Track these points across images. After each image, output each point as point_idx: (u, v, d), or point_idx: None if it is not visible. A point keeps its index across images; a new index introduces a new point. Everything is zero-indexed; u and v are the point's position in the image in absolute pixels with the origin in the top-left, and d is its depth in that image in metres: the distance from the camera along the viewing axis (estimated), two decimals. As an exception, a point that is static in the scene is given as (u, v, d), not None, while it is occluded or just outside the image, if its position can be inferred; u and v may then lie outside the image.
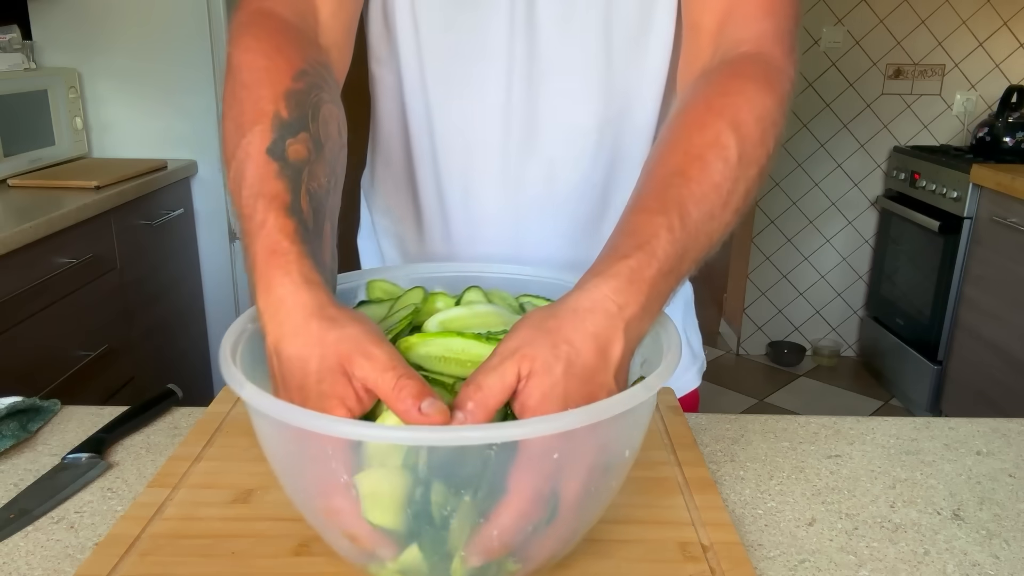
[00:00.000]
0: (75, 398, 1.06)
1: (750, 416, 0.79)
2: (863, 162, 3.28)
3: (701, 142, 0.57)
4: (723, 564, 0.53)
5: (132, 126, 2.43)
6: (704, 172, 0.55)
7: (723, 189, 0.55)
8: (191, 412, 0.78)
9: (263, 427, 0.48)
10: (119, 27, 2.34)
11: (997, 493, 0.66)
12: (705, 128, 0.58)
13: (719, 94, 0.61)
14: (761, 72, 0.62)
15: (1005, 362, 2.46)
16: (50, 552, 0.57)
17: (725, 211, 0.56)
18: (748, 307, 3.50)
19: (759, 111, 0.59)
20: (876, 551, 0.58)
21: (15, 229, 1.62)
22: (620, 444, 0.49)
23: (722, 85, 0.62)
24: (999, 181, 2.46)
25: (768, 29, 0.65)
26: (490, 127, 0.78)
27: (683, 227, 0.53)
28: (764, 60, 0.64)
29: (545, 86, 0.77)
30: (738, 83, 0.61)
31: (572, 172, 0.80)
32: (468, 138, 0.79)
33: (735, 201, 0.56)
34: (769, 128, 0.59)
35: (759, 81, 0.61)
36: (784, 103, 0.61)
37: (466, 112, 0.79)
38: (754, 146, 0.58)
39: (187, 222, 2.45)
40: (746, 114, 0.58)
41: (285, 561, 0.54)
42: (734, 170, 0.56)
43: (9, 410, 0.72)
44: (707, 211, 0.54)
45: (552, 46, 0.75)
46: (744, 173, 0.57)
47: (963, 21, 3.11)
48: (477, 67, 0.77)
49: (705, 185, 0.55)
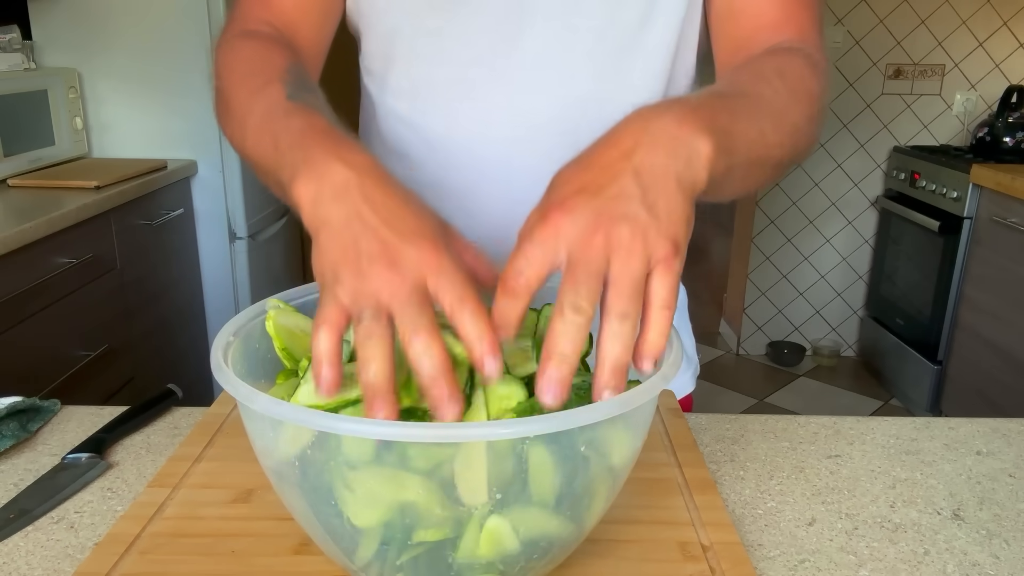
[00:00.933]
0: (75, 398, 1.06)
1: (750, 416, 0.79)
2: (863, 162, 3.28)
3: (747, 77, 0.60)
4: (723, 564, 0.53)
5: (132, 126, 2.43)
6: (754, 87, 0.57)
7: (775, 105, 0.56)
8: (191, 412, 0.78)
9: (256, 428, 0.48)
10: (119, 27, 2.34)
11: (997, 493, 0.66)
12: (749, 72, 0.61)
13: (764, 59, 0.64)
14: (801, 54, 0.65)
15: (1005, 362, 2.46)
16: (50, 552, 0.57)
17: (781, 122, 0.56)
18: (748, 307, 3.50)
19: (800, 71, 0.62)
20: (876, 551, 0.58)
21: (15, 229, 1.62)
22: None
23: (768, 57, 0.65)
24: (999, 181, 2.46)
25: (794, 36, 0.69)
26: (487, 142, 0.77)
27: (737, 112, 0.52)
28: (804, 51, 0.66)
29: (536, 94, 0.75)
30: (783, 56, 0.64)
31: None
32: (464, 152, 0.78)
33: (787, 123, 0.56)
34: (813, 87, 0.61)
35: (804, 59, 0.64)
36: (823, 79, 0.64)
37: (459, 125, 0.77)
38: (799, 91, 0.60)
39: (187, 222, 2.45)
40: (791, 69, 0.61)
41: (285, 560, 0.54)
42: (784, 99, 0.57)
43: (9, 410, 0.72)
44: (759, 96, 0.56)
45: (540, 56, 0.74)
46: (793, 105, 0.58)
47: (963, 21, 3.11)
48: (465, 71, 0.76)
49: (753, 97, 0.56)
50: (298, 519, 0.49)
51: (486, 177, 0.78)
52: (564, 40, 0.73)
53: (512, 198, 0.79)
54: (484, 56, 0.74)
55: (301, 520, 0.49)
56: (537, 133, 0.76)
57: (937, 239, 2.77)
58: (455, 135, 0.78)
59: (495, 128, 0.77)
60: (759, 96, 0.56)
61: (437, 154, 0.79)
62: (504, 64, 0.74)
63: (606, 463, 0.47)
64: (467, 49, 0.74)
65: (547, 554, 0.48)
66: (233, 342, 0.52)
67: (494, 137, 0.77)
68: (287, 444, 0.44)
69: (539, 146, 0.76)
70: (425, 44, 0.76)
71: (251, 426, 0.47)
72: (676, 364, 0.48)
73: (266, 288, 2.67)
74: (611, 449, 0.47)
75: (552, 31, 0.73)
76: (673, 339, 0.51)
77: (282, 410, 0.42)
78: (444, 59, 0.75)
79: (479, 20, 0.73)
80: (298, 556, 0.54)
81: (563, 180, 0.46)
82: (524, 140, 0.77)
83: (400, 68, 0.78)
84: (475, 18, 0.73)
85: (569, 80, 0.75)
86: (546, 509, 0.45)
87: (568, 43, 0.73)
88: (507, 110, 0.76)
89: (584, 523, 0.49)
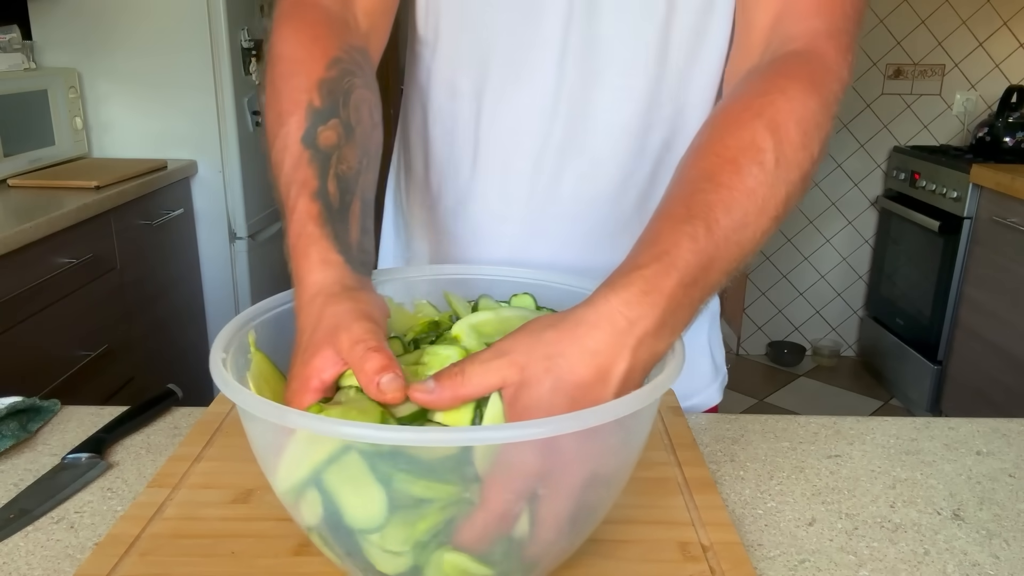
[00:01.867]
0: (75, 398, 1.06)
1: (750, 416, 0.78)
2: (863, 162, 3.28)
3: (735, 144, 0.54)
4: (723, 564, 0.53)
5: (132, 126, 2.43)
6: (736, 176, 0.52)
7: (758, 195, 0.52)
8: (191, 412, 0.78)
9: (253, 429, 0.48)
10: (119, 27, 2.34)
11: (997, 493, 0.66)
12: (741, 129, 0.54)
13: (758, 93, 0.57)
14: (807, 71, 0.59)
15: (1005, 362, 2.46)
16: (50, 552, 0.57)
17: (761, 218, 0.52)
18: (748, 307, 3.50)
19: (800, 113, 0.55)
20: (876, 551, 0.58)
21: (15, 229, 1.62)
22: (608, 461, 0.47)
23: (763, 84, 0.58)
24: (999, 181, 2.46)
25: (821, 26, 0.62)
26: (534, 118, 0.76)
27: (709, 235, 0.49)
28: (813, 58, 0.60)
29: (597, 79, 0.74)
30: (780, 82, 0.58)
31: (613, 173, 0.77)
32: (511, 126, 0.77)
33: (773, 207, 0.53)
34: (812, 131, 0.55)
35: (803, 81, 0.58)
36: (830, 105, 0.58)
37: (511, 100, 0.76)
38: (795, 150, 0.54)
39: (187, 222, 2.45)
40: (786, 116, 0.55)
41: (285, 561, 0.54)
42: (771, 175, 0.53)
43: (9, 410, 0.71)
44: (739, 218, 0.51)
45: (608, 39, 0.72)
46: (784, 177, 0.53)
47: (963, 21, 3.11)
48: (529, 53, 0.74)
49: (737, 191, 0.51)
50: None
51: (527, 157, 0.78)
52: (626, 23, 0.72)
53: (546, 183, 0.78)
54: (547, 34, 0.73)
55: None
56: (592, 122, 0.76)
57: (937, 239, 2.77)
58: (502, 110, 0.77)
59: (544, 112, 0.76)
60: (743, 194, 0.52)
61: (482, 126, 0.78)
62: (564, 45, 0.73)
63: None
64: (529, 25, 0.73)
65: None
66: (227, 358, 0.52)
67: (542, 120, 0.76)
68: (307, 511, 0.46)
69: (597, 129, 0.76)
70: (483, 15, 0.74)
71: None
72: (676, 370, 0.48)
73: (266, 288, 2.67)
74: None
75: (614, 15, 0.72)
76: (676, 345, 0.51)
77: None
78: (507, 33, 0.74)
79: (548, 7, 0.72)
80: (298, 557, 0.54)
81: (533, 369, 0.46)
82: (575, 131, 0.76)
83: (450, 36, 0.77)
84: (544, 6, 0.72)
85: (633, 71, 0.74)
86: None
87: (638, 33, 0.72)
88: (559, 95, 0.75)
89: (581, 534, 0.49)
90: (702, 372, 0.89)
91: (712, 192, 0.51)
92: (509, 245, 0.81)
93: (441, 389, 0.45)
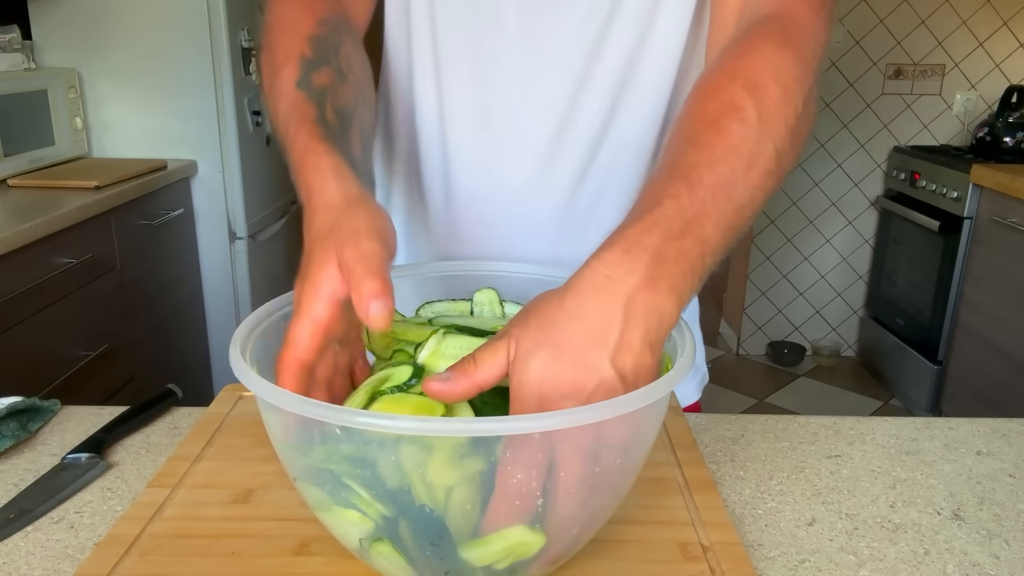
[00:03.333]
0: (75, 398, 1.06)
1: (750, 416, 0.78)
2: (863, 162, 3.28)
3: (714, 108, 0.54)
4: (723, 564, 0.53)
5: (132, 126, 2.43)
6: (718, 136, 0.52)
7: (743, 150, 0.52)
8: (191, 412, 0.78)
9: (273, 420, 0.48)
10: (119, 27, 2.34)
11: (997, 493, 0.66)
12: (719, 93, 0.55)
13: (733, 57, 0.58)
14: (779, 30, 0.59)
15: (1005, 362, 2.46)
16: (50, 552, 0.57)
17: (751, 172, 0.52)
18: (748, 307, 3.50)
19: (776, 69, 0.56)
20: (876, 551, 0.58)
21: (15, 229, 1.62)
22: (613, 450, 0.47)
23: (737, 48, 0.59)
24: (999, 181, 2.46)
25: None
26: (501, 107, 0.78)
27: (691, 191, 0.49)
28: (785, 18, 0.60)
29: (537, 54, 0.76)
30: (754, 43, 0.58)
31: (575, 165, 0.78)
32: (480, 119, 0.79)
33: (762, 162, 0.52)
34: (792, 84, 0.55)
35: (776, 38, 0.58)
36: (807, 60, 0.58)
37: (479, 91, 0.78)
38: (776, 103, 0.54)
39: (187, 222, 2.45)
40: (762, 74, 0.55)
41: (285, 561, 0.54)
42: (754, 130, 0.53)
43: (9, 410, 0.71)
44: (725, 174, 0.51)
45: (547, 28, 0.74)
46: (769, 131, 0.53)
47: (963, 21, 3.11)
48: (490, 45, 0.76)
49: (719, 148, 0.52)
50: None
51: (494, 150, 0.80)
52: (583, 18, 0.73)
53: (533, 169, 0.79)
54: (507, 32, 0.75)
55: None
56: (550, 112, 0.77)
57: (937, 239, 2.77)
58: (470, 104, 0.79)
59: (503, 100, 0.77)
60: (727, 150, 0.52)
61: (447, 120, 0.80)
62: (527, 37, 0.75)
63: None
64: (494, 26, 0.75)
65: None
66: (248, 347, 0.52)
67: (500, 109, 0.78)
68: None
69: (545, 123, 0.77)
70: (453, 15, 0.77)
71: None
72: (688, 362, 0.49)
73: (266, 288, 2.67)
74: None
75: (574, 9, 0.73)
76: (687, 340, 0.51)
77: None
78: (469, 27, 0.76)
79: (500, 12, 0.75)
80: (298, 556, 0.54)
81: (540, 363, 0.45)
82: (529, 114, 0.77)
83: (421, 30, 0.78)
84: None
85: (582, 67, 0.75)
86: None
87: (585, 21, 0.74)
88: (524, 88, 0.77)
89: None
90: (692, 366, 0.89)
91: (693, 154, 0.52)
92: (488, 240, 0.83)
93: (456, 377, 0.46)
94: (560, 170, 0.78)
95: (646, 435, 0.49)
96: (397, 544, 0.46)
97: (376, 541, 0.46)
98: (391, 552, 0.46)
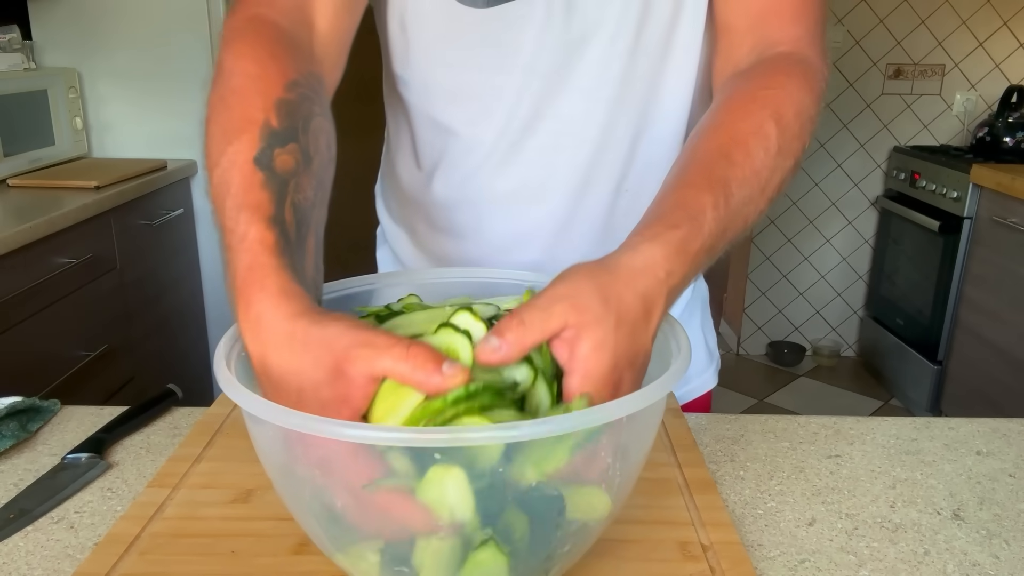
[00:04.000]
0: (75, 398, 1.06)
1: (750, 416, 0.79)
2: (863, 162, 3.28)
3: (745, 129, 0.60)
4: (723, 564, 0.53)
5: (132, 126, 2.43)
6: (747, 157, 0.58)
7: (762, 176, 0.58)
8: (191, 412, 0.78)
9: (263, 436, 0.47)
10: (119, 27, 2.34)
11: (997, 493, 0.66)
12: (749, 116, 0.61)
13: (762, 87, 0.64)
14: (800, 71, 0.65)
15: (1005, 362, 2.46)
16: (50, 552, 0.57)
17: (762, 197, 0.58)
18: (748, 307, 3.50)
19: (798, 106, 0.62)
20: (876, 551, 0.58)
21: (15, 229, 1.62)
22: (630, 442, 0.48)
23: (765, 79, 0.65)
24: (999, 181, 2.46)
25: (802, 33, 0.68)
26: (495, 129, 0.76)
27: (727, 206, 0.55)
28: (802, 60, 0.66)
29: (563, 87, 0.74)
30: (780, 79, 0.64)
31: (592, 177, 0.78)
32: (474, 140, 0.77)
33: (771, 189, 0.59)
34: (806, 123, 0.62)
35: (799, 78, 0.64)
36: (819, 102, 0.65)
37: (473, 112, 0.76)
38: (792, 138, 0.61)
39: (187, 222, 2.45)
40: (787, 108, 0.61)
41: (285, 560, 0.54)
42: (773, 159, 0.59)
43: (9, 410, 0.72)
44: (747, 195, 0.57)
45: (576, 53, 0.73)
46: (781, 163, 0.60)
47: (963, 21, 3.11)
48: (496, 78, 0.74)
49: (747, 169, 0.57)
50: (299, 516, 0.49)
51: (526, 184, 0.78)
52: (609, 51, 0.72)
53: (548, 210, 0.79)
54: (533, 64, 0.73)
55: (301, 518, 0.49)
56: (571, 139, 0.76)
57: (937, 239, 2.77)
58: (499, 140, 0.76)
59: (537, 136, 0.76)
60: (749, 172, 0.58)
61: (480, 158, 0.77)
62: (553, 73, 0.73)
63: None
64: (516, 57, 0.73)
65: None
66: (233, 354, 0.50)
67: (535, 145, 0.76)
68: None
69: (577, 152, 0.76)
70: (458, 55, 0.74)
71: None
72: (685, 363, 0.49)
73: (266, 288, 2.66)
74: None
75: (599, 42, 0.72)
76: (681, 340, 0.52)
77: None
78: (492, 65, 0.74)
79: (529, 33, 0.71)
80: (298, 556, 0.54)
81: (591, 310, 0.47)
82: (560, 146, 0.76)
83: (440, 72, 0.76)
84: (525, 31, 0.71)
85: (611, 87, 0.74)
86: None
87: (610, 53, 0.72)
88: (552, 117, 0.75)
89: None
90: (698, 357, 0.91)
91: (728, 168, 0.57)
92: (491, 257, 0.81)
93: (507, 344, 0.45)
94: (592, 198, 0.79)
95: (645, 437, 0.50)
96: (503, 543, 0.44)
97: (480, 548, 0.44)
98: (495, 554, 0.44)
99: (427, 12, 0.72)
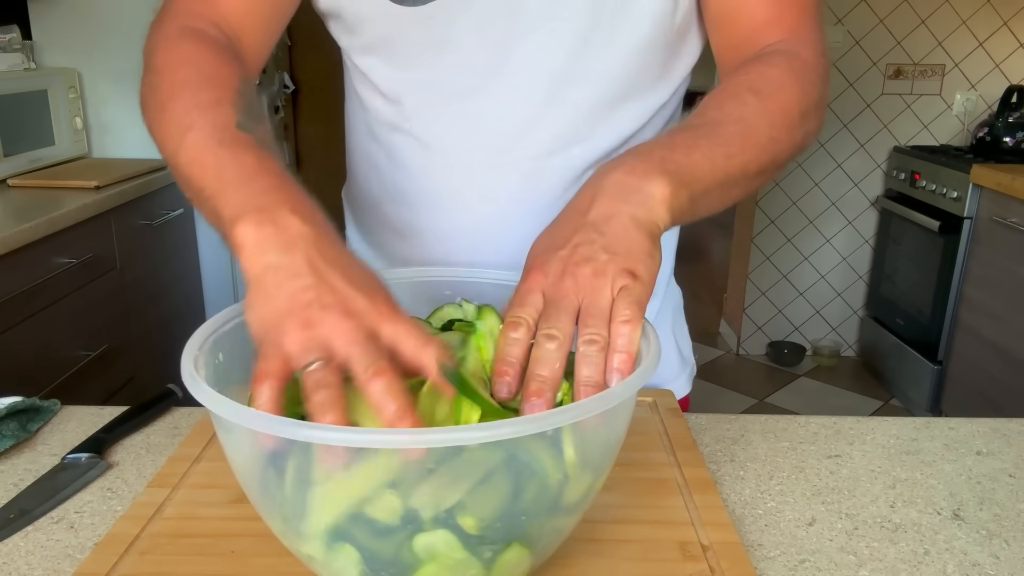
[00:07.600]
0: (75, 398, 1.06)
1: (750, 416, 0.79)
2: (863, 162, 3.28)
3: (718, 98, 0.62)
4: (723, 564, 0.53)
5: (132, 126, 2.43)
6: (717, 110, 0.60)
7: (737, 118, 0.59)
8: (191, 412, 0.78)
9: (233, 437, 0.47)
10: (119, 27, 2.34)
11: (997, 493, 0.66)
12: (723, 90, 0.63)
13: (742, 72, 0.65)
14: (785, 60, 0.66)
15: (1005, 362, 2.46)
16: (50, 552, 0.57)
17: (747, 136, 0.59)
18: (748, 307, 3.50)
19: (779, 83, 0.63)
20: (876, 551, 0.58)
21: (15, 229, 1.62)
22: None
23: (745, 66, 0.66)
24: (999, 181, 2.46)
25: (785, 33, 0.69)
26: (462, 131, 0.75)
27: (683, 131, 0.58)
28: (786, 52, 0.67)
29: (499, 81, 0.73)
30: (758, 67, 0.65)
31: (553, 173, 0.76)
32: (443, 143, 0.76)
33: (755, 134, 0.59)
34: (792, 97, 0.63)
35: (781, 66, 0.65)
36: (807, 87, 0.64)
37: (440, 116, 0.75)
38: (775, 101, 0.62)
39: (187, 222, 2.45)
40: (764, 82, 0.63)
41: (285, 560, 0.54)
42: (751, 109, 0.60)
43: (9, 410, 0.72)
44: (716, 118, 0.59)
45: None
46: (765, 116, 0.60)
47: (963, 21, 3.11)
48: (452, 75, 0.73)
49: (713, 112, 0.60)
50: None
51: (472, 182, 0.77)
52: (549, 45, 0.71)
53: (497, 209, 0.77)
54: (472, 61, 0.72)
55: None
56: (522, 140, 0.74)
57: (937, 239, 2.77)
58: (445, 139, 0.76)
59: (482, 135, 0.75)
60: (725, 119, 0.60)
61: (428, 156, 0.77)
62: (493, 70, 0.72)
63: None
64: (455, 54, 0.72)
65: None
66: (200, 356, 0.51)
67: (480, 144, 0.75)
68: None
69: (526, 151, 0.75)
70: (410, 50, 0.73)
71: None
72: (653, 363, 0.49)
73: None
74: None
75: (538, 37, 0.71)
76: (651, 339, 0.51)
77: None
78: (432, 63, 0.73)
79: (465, 28, 0.71)
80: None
81: (537, 247, 0.53)
82: (511, 146, 0.75)
83: (385, 71, 0.76)
84: (461, 27, 0.70)
85: (554, 82, 0.72)
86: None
87: (552, 48, 0.71)
88: (495, 116, 0.74)
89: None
90: (669, 363, 0.90)
91: (688, 119, 0.61)
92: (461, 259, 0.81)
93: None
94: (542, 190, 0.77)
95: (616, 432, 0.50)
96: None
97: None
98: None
99: (365, 14, 0.72)
